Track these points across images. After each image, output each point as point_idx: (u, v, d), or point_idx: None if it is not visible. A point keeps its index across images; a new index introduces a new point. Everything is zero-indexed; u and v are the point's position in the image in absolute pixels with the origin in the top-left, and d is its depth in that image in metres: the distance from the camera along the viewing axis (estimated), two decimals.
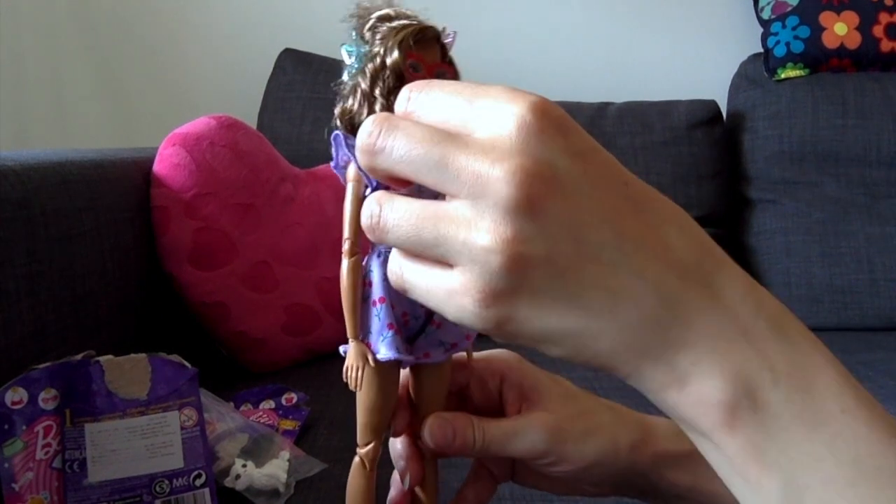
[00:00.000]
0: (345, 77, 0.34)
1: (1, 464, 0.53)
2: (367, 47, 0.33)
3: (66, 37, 1.43)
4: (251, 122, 1.18)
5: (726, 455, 0.25)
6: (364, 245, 0.34)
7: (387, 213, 0.26)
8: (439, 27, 0.34)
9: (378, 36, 0.33)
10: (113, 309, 0.80)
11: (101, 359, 0.59)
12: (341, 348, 0.34)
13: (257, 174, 0.93)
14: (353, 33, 0.34)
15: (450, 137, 0.25)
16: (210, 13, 1.46)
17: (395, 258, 0.28)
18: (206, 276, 0.88)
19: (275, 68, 1.33)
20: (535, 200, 0.23)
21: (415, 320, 0.35)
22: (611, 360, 0.25)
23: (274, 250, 0.93)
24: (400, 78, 0.32)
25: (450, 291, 0.25)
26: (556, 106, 0.25)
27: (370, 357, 0.33)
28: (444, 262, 0.25)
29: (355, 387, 0.33)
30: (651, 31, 1.51)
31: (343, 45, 0.34)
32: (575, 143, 0.25)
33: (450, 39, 0.35)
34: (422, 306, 0.34)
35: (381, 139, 0.26)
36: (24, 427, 0.54)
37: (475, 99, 0.26)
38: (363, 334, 0.34)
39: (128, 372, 0.59)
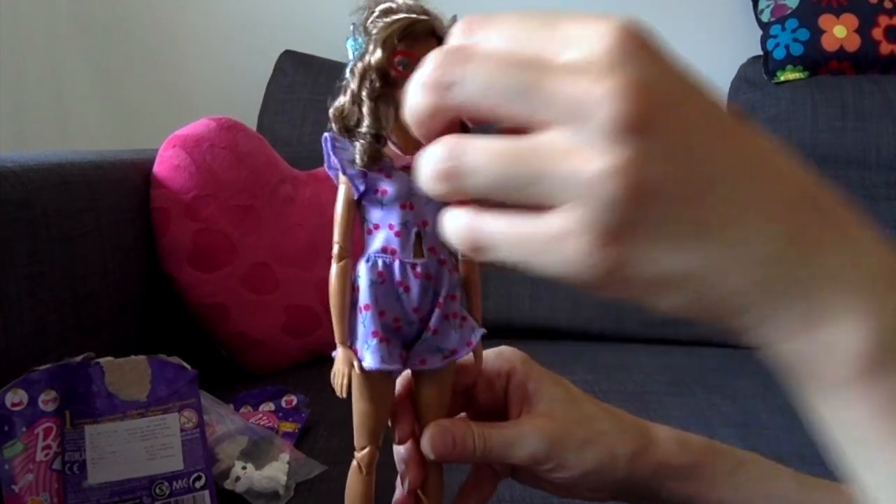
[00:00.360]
0: (347, 73, 0.34)
1: (1, 465, 0.53)
2: (366, 42, 0.33)
3: (66, 38, 1.43)
4: (251, 123, 1.18)
5: (857, 414, 0.22)
6: (354, 250, 0.34)
7: (463, 154, 0.22)
8: (446, 17, 0.33)
9: (374, 31, 0.32)
10: (113, 310, 0.80)
11: (101, 360, 0.59)
12: (334, 353, 0.34)
13: (257, 176, 0.93)
14: (355, 27, 0.33)
15: (533, 62, 0.21)
16: (210, 15, 1.46)
17: (460, 214, 0.23)
18: (206, 278, 0.88)
19: (275, 70, 1.32)
20: (649, 117, 0.20)
21: (408, 326, 0.34)
22: (737, 304, 0.22)
23: (274, 251, 0.93)
24: (386, 78, 0.32)
25: (550, 238, 0.21)
26: (648, 29, 0.22)
27: (356, 364, 0.33)
28: (536, 205, 0.21)
29: (341, 393, 0.33)
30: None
31: (348, 38, 0.33)
32: (672, 66, 0.22)
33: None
34: (415, 310, 0.34)
35: (450, 71, 0.22)
36: (24, 429, 0.54)
37: (553, 23, 0.22)
38: (351, 340, 0.34)
39: (128, 373, 0.59)
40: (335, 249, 0.33)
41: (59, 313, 0.69)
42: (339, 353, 0.34)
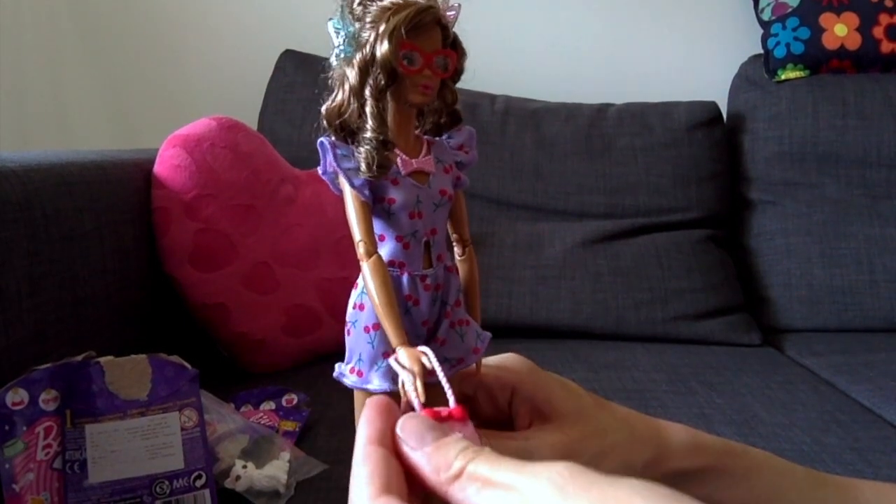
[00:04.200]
0: (332, 60, 0.31)
1: (2, 465, 0.53)
2: (356, 26, 0.30)
3: (66, 38, 1.44)
4: (252, 123, 1.18)
5: None
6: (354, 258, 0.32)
7: None
8: (440, 1, 0.30)
9: (368, 17, 0.29)
10: (113, 310, 0.80)
11: (102, 360, 0.59)
12: (391, 360, 0.30)
13: (258, 175, 0.93)
14: (341, 8, 0.30)
15: None
16: (210, 14, 1.46)
17: None
18: (207, 278, 0.88)
19: (275, 70, 1.33)
20: None
21: (416, 339, 0.33)
22: None
23: (274, 251, 0.93)
24: (392, 74, 0.29)
25: None
26: None
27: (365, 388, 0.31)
28: None
29: (422, 398, 0.28)
30: (651, 32, 1.52)
31: (330, 19, 0.30)
32: None
33: (452, 14, 0.31)
34: (424, 324, 0.33)
35: None
36: (24, 428, 0.55)
37: None
38: (354, 360, 0.32)
39: (128, 373, 0.60)
40: (361, 248, 0.30)
41: (59, 313, 0.69)
42: (403, 355, 0.29)
